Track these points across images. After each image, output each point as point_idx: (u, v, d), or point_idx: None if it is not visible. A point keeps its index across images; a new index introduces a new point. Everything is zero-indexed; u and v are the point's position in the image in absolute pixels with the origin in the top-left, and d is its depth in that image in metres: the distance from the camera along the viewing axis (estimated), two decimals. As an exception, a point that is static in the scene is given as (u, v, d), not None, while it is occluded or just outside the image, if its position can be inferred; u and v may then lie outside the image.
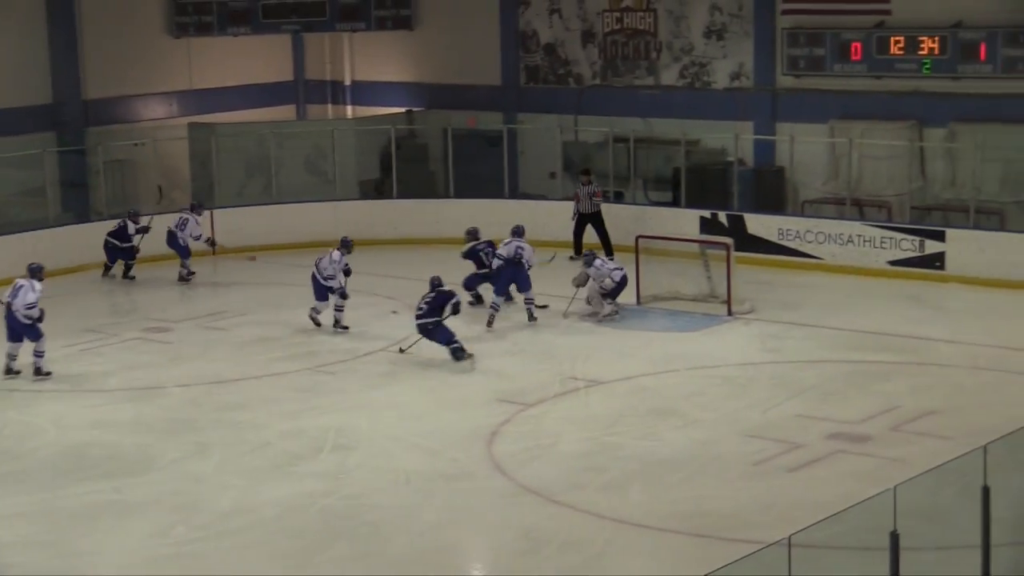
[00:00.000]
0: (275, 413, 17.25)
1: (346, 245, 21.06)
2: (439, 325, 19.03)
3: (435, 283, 19.36)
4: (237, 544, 13.44)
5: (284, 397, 17.92)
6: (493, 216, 24.97)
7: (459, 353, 18.95)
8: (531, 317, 21.13)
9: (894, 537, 9.85)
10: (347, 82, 32.76)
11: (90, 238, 25.53)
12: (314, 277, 20.95)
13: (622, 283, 21.29)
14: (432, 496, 14.47)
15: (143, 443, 16.25)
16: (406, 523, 13.81)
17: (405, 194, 28.19)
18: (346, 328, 20.79)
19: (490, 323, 20.74)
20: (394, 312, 21.60)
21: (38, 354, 18.85)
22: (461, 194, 27.86)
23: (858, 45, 25.76)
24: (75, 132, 28.51)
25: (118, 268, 24.77)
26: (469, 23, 30.64)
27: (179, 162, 29.22)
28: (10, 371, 18.93)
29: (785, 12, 26.70)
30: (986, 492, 10.62)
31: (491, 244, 21.99)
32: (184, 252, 24.55)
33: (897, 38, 25.48)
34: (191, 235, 24.56)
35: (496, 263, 21.47)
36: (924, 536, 10.95)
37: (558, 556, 13.06)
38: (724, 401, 17.42)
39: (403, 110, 31.20)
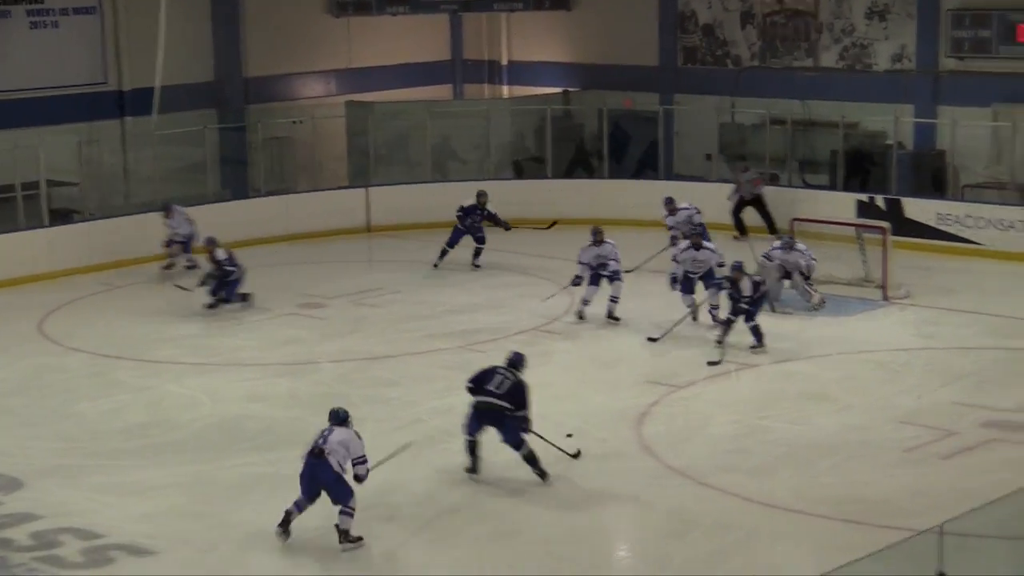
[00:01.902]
0: (426, 390, 17.39)
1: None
2: None
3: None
4: (382, 517, 13.57)
5: (435, 375, 18.04)
6: (648, 197, 24.85)
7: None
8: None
9: (1049, 528, 9.67)
10: (504, 62, 32.77)
11: (247, 214, 25.91)
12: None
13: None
14: (580, 475, 14.47)
15: (296, 417, 16.45)
16: (553, 502, 13.84)
17: (559, 174, 28.25)
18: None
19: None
20: (551, 296, 21.08)
21: None
22: (616, 174, 27.82)
23: (1026, 27, 25.16)
24: (235, 109, 28.92)
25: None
26: (627, 3, 30.46)
27: (336, 140, 29.49)
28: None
29: (950, -7, 26.21)
30: None
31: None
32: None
33: (1067, 19, 24.85)
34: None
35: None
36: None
37: (706, 539, 13.01)
38: (877, 386, 17.20)
39: (559, 90, 31.17)
